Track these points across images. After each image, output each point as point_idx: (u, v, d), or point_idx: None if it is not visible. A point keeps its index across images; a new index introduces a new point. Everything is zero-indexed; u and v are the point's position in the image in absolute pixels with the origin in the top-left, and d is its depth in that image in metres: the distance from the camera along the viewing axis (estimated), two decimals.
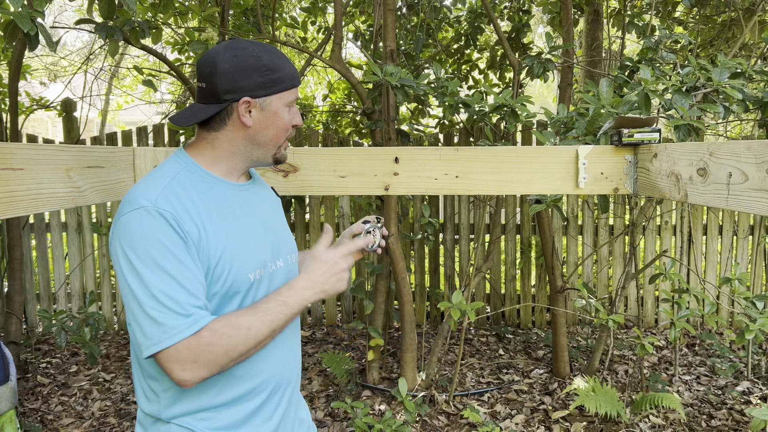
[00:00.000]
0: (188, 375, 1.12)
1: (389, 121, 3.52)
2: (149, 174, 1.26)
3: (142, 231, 1.13)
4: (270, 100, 1.27)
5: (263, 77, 1.25)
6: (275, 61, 1.27)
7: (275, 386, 1.34)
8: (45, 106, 4.68)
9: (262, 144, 1.30)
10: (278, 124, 1.30)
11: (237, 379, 1.26)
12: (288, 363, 1.38)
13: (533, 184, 1.72)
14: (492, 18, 3.75)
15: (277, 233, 1.39)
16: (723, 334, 4.84)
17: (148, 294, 1.11)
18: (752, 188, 1.10)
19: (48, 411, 3.69)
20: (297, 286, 1.25)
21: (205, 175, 1.27)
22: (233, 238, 1.24)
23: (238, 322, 1.16)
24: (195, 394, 1.23)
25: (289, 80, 1.29)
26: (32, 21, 2.16)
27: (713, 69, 2.36)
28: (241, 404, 1.28)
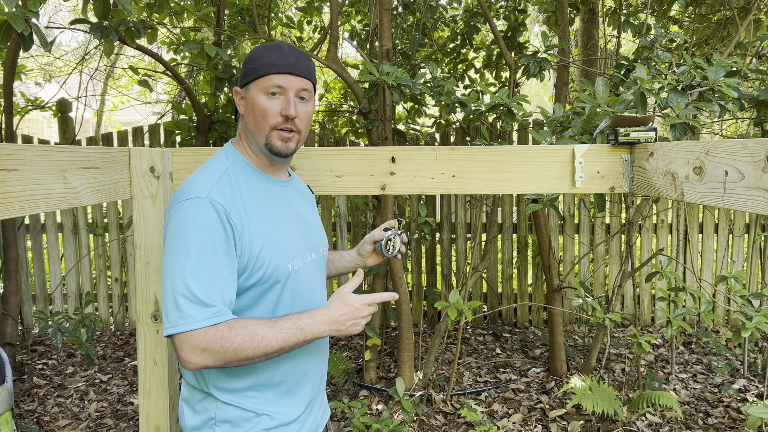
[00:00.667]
0: (194, 359, 1.18)
1: (386, 121, 3.52)
2: (203, 168, 1.34)
3: (192, 219, 1.21)
4: (248, 88, 1.35)
5: (246, 67, 1.35)
6: (262, 52, 1.34)
7: (314, 364, 1.44)
8: (40, 107, 4.67)
9: (252, 131, 1.36)
10: (255, 111, 1.33)
11: (280, 359, 1.35)
12: (322, 344, 1.48)
13: (530, 183, 1.72)
14: (488, 17, 3.75)
15: (312, 227, 1.48)
16: (719, 332, 4.85)
17: (181, 279, 1.18)
18: (748, 187, 1.10)
19: (44, 412, 3.68)
20: (317, 318, 1.29)
21: (250, 169, 1.37)
22: (274, 229, 1.32)
23: (256, 329, 1.21)
24: (244, 375, 1.32)
25: (264, 68, 1.32)
26: (26, 21, 2.15)
27: (709, 67, 2.36)
28: (285, 384, 1.37)
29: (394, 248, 1.54)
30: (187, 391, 1.38)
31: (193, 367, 1.19)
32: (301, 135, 1.37)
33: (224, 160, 1.35)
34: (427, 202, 4.92)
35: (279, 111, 1.32)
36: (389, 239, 1.54)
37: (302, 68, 1.35)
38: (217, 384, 1.32)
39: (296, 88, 1.33)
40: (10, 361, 3.95)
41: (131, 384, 4.03)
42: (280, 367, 1.36)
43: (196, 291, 1.18)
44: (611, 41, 5.25)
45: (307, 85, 1.35)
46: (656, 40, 2.97)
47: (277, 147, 1.34)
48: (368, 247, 1.66)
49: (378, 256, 1.67)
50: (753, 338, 2.76)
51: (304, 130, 1.38)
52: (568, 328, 4.98)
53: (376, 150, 1.74)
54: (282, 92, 1.32)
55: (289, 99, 1.33)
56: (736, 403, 3.63)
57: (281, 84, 1.32)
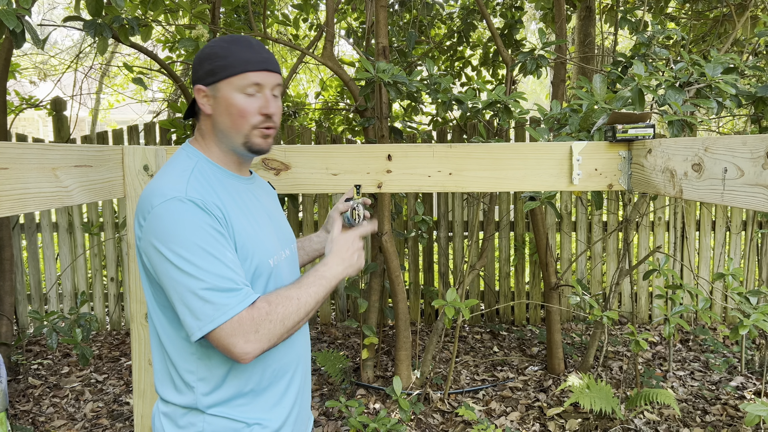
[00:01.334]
0: (251, 347, 1.15)
1: (382, 119, 3.51)
2: (166, 170, 1.29)
3: (180, 219, 1.17)
4: (219, 87, 1.28)
5: (212, 64, 1.28)
6: (229, 47, 1.28)
7: (296, 365, 1.40)
8: (34, 105, 4.64)
9: (226, 131, 1.31)
10: (232, 110, 1.28)
11: (264, 361, 1.31)
12: (305, 342, 1.46)
13: (527, 180, 1.71)
14: (485, 14, 3.74)
15: (280, 224, 1.45)
16: (716, 330, 4.85)
17: (199, 276, 1.14)
18: (748, 183, 1.09)
19: (39, 413, 3.66)
20: (330, 262, 1.34)
21: (216, 168, 1.32)
22: (251, 226, 1.29)
23: (288, 293, 1.22)
24: (229, 382, 1.27)
25: (239, 65, 1.26)
26: (18, 18, 2.13)
27: (706, 64, 2.35)
28: (271, 388, 1.33)
29: (360, 216, 1.54)
30: (166, 407, 1.31)
31: (251, 356, 1.16)
32: (277, 130, 1.35)
33: (187, 160, 1.30)
34: (424, 200, 4.91)
35: (258, 109, 1.28)
36: (353, 208, 1.53)
37: (275, 63, 1.31)
38: (204, 397, 1.27)
39: (272, 84, 1.30)
40: (5, 361, 3.93)
41: (127, 384, 4.01)
42: (267, 370, 1.32)
43: (218, 282, 1.14)
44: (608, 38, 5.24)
45: (279, 81, 1.32)
46: (653, 36, 2.96)
47: (259, 144, 1.31)
48: (336, 221, 1.62)
49: (346, 228, 1.60)
50: (750, 335, 2.76)
51: (278, 126, 1.36)
52: (566, 326, 4.98)
53: (372, 147, 1.72)
54: (259, 90, 1.28)
55: (267, 97, 1.29)
56: (734, 400, 3.63)
57: (259, 81, 1.27)
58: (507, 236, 4.95)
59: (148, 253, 1.20)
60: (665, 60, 3.05)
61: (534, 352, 4.44)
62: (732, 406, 3.56)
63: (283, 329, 1.19)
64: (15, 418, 3.59)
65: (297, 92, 6.43)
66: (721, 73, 2.35)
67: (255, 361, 1.28)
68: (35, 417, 3.61)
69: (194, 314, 1.15)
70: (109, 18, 2.82)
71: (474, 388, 3.84)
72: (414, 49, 4.76)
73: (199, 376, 1.26)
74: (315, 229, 4.95)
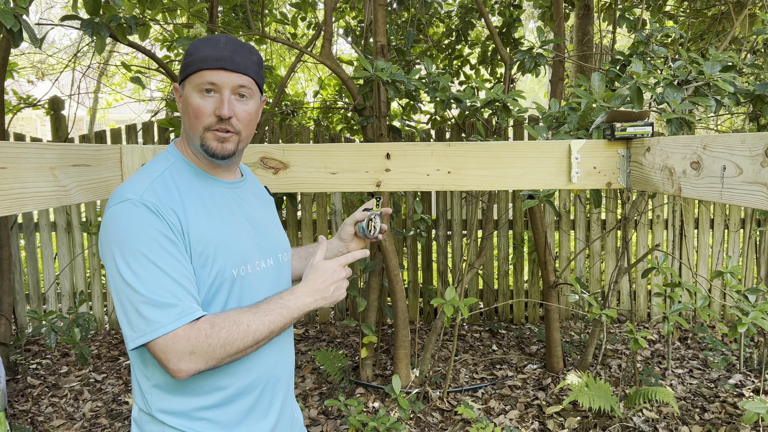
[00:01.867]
0: (184, 366, 1.11)
1: (381, 117, 3.50)
2: (141, 170, 1.28)
3: (129, 223, 1.14)
4: (184, 85, 1.25)
5: (183, 62, 1.25)
6: (198, 45, 1.23)
7: (266, 383, 1.32)
8: (32, 105, 4.63)
9: (187, 132, 1.27)
10: (189, 110, 1.24)
11: (228, 376, 1.25)
12: (278, 360, 1.37)
13: (526, 179, 1.70)
14: (483, 13, 3.74)
15: (267, 232, 1.38)
16: (715, 328, 4.86)
17: (137, 287, 1.11)
18: (746, 181, 1.09)
19: (38, 412, 3.66)
20: (298, 292, 1.26)
21: (191, 170, 1.28)
22: (216, 232, 1.23)
23: (239, 319, 1.16)
24: (187, 393, 1.22)
25: (197, 63, 1.21)
26: (16, 17, 2.13)
27: (705, 62, 2.35)
28: (234, 402, 1.27)
29: (375, 228, 1.52)
30: (136, 412, 1.29)
31: (185, 374, 1.11)
32: (241, 136, 1.26)
33: (164, 161, 1.27)
34: (423, 198, 4.91)
35: (212, 110, 1.22)
36: (370, 219, 1.51)
37: (238, 63, 1.22)
38: (161, 405, 1.22)
39: (231, 84, 1.22)
40: (4, 361, 3.93)
41: (126, 383, 4.00)
42: (230, 386, 1.25)
43: (155, 296, 1.10)
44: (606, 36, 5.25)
45: (244, 81, 1.23)
46: (652, 35, 2.96)
47: (212, 148, 1.24)
48: (349, 230, 1.60)
49: (359, 239, 1.61)
50: (749, 333, 2.76)
51: (245, 131, 1.26)
52: (565, 325, 4.98)
53: (371, 146, 1.72)
54: (216, 90, 1.21)
55: (222, 97, 1.21)
56: (733, 398, 3.63)
57: (214, 81, 1.21)
58: (506, 235, 4.95)
59: (101, 252, 1.18)
60: (664, 58, 3.05)
61: (533, 350, 4.45)
62: (731, 403, 3.56)
63: (224, 354, 1.13)
64: (14, 417, 3.59)
65: (295, 91, 6.43)
66: (720, 71, 2.35)
67: (214, 376, 1.23)
68: (34, 417, 3.60)
69: (130, 324, 1.12)
70: (106, 17, 2.81)
71: (473, 387, 3.84)
72: (412, 47, 4.76)
73: (154, 382, 1.22)
74: (313, 229, 4.95)
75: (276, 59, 7.33)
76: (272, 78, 5.24)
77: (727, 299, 4.81)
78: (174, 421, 1.22)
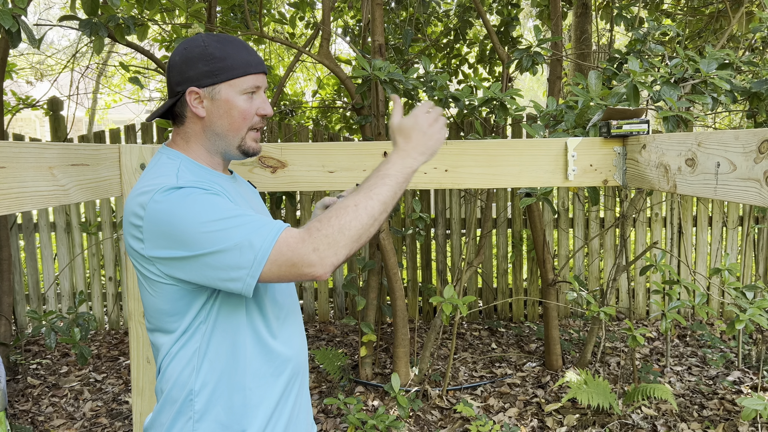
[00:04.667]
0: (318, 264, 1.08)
1: (379, 116, 3.51)
2: (149, 173, 1.25)
3: (183, 205, 1.12)
4: (219, 89, 1.25)
5: (209, 66, 1.24)
6: (225, 48, 1.26)
7: (292, 371, 1.34)
8: (31, 105, 4.63)
9: (222, 135, 1.28)
10: (232, 113, 1.26)
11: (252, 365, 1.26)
12: (303, 345, 1.40)
13: (523, 176, 1.71)
14: (481, 12, 3.74)
15: None
16: (714, 325, 4.87)
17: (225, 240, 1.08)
18: (740, 178, 1.10)
19: (39, 412, 3.66)
20: (393, 158, 1.22)
21: (199, 167, 1.30)
22: None
23: (344, 203, 1.13)
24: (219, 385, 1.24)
25: (241, 67, 1.25)
26: (14, 18, 2.13)
27: (701, 60, 2.36)
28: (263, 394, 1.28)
29: None
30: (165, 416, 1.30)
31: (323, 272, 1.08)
32: None
33: (169, 161, 1.27)
34: (422, 197, 4.91)
35: (255, 111, 1.28)
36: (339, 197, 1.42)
37: (265, 65, 1.33)
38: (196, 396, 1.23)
39: (265, 85, 1.32)
40: (4, 361, 3.93)
41: (126, 383, 4.01)
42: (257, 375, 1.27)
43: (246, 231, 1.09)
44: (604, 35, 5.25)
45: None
46: (649, 33, 2.97)
47: (252, 147, 1.31)
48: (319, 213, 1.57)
49: None
50: (747, 330, 2.77)
51: None
52: (564, 323, 4.99)
53: (368, 145, 1.73)
54: (256, 91, 1.29)
55: (263, 98, 1.30)
56: (731, 395, 3.64)
57: (259, 84, 1.28)
58: (504, 233, 4.96)
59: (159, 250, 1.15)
60: (661, 56, 3.06)
61: (532, 348, 4.45)
62: (729, 400, 3.57)
63: (346, 238, 1.10)
64: (14, 417, 3.59)
65: (294, 90, 6.44)
66: (716, 68, 2.36)
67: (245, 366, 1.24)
68: (34, 416, 3.61)
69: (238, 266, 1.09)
70: (105, 17, 2.82)
71: (472, 385, 3.85)
72: (410, 46, 4.76)
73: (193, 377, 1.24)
74: None
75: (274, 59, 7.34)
76: (271, 78, 5.24)
77: (726, 296, 4.82)
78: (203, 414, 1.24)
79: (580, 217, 4.95)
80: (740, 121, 5.37)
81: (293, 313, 1.38)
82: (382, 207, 1.15)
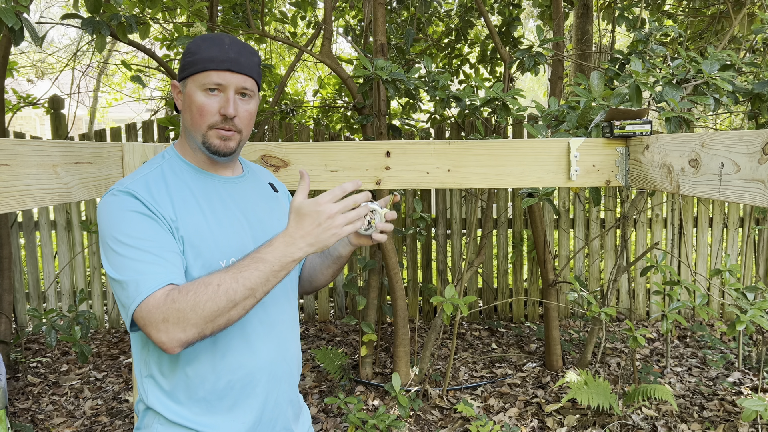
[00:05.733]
0: (164, 336, 1.08)
1: (380, 116, 3.51)
2: (138, 169, 1.32)
3: (107, 212, 1.20)
4: (186, 83, 1.28)
5: (184, 60, 1.28)
6: (201, 45, 1.27)
7: (262, 380, 1.31)
8: (32, 104, 4.63)
9: (189, 129, 1.30)
10: (191, 107, 1.27)
11: (216, 366, 1.26)
12: (278, 357, 1.34)
13: (525, 176, 1.71)
14: (483, 12, 3.74)
15: (266, 227, 1.37)
16: (714, 326, 4.87)
17: (113, 275, 1.15)
18: (744, 178, 1.10)
19: (39, 410, 3.66)
20: (276, 242, 1.13)
21: (185, 166, 1.32)
22: (208, 225, 1.26)
23: (208, 280, 1.10)
24: (176, 382, 1.25)
25: (202, 63, 1.24)
26: (17, 15, 2.13)
27: (703, 61, 2.36)
28: (227, 399, 1.27)
29: (370, 226, 1.29)
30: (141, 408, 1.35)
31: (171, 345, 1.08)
32: (242, 135, 1.29)
33: (159, 158, 1.32)
34: (423, 197, 4.91)
35: (217, 109, 1.25)
36: (372, 210, 1.30)
37: (243, 64, 1.26)
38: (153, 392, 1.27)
39: (236, 85, 1.25)
40: (4, 359, 3.93)
41: (126, 381, 4.01)
42: (221, 378, 1.26)
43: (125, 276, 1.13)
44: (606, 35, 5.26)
45: (248, 83, 1.27)
46: (651, 33, 2.97)
47: (215, 146, 1.27)
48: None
49: (358, 235, 1.38)
50: (747, 331, 2.77)
51: (245, 130, 1.30)
52: (564, 323, 4.99)
53: (371, 144, 1.73)
54: (221, 89, 1.25)
55: (228, 97, 1.25)
56: (731, 396, 3.64)
57: (220, 82, 1.24)
58: (505, 233, 4.96)
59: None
60: (662, 57, 3.06)
61: (532, 348, 4.46)
62: (729, 401, 3.57)
63: (197, 317, 1.06)
64: (14, 415, 3.59)
65: (295, 90, 6.44)
66: (718, 69, 2.36)
67: (204, 365, 1.24)
68: (34, 415, 3.61)
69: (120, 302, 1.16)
70: (107, 15, 2.82)
71: (472, 385, 3.85)
72: (412, 46, 4.76)
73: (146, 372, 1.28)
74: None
75: (276, 58, 7.34)
76: (272, 77, 5.24)
77: (726, 297, 4.82)
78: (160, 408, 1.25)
79: (580, 217, 4.95)
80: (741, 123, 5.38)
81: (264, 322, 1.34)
82: (247, 293, 1.09)
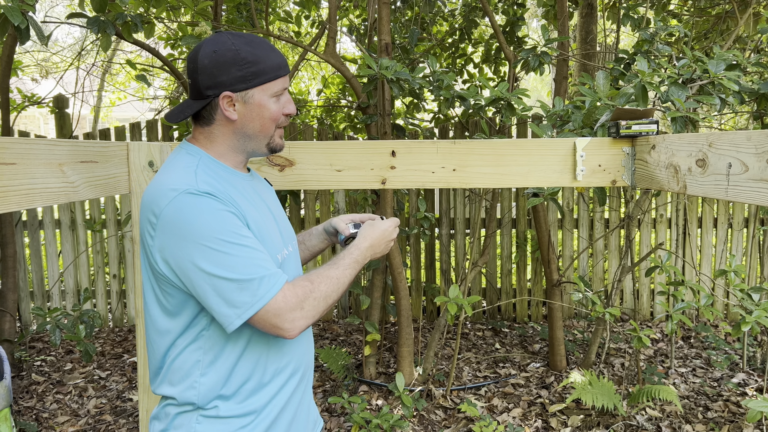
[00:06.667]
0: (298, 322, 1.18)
1: (384, 116, 3.51)
2: (168, 167, 1.27)
3: (197, 213, 1.15)
4: (252, 93, 1.28)
5: (243, 71, 1.26)
6: (256, 52, 1.27)
7: (297, 368, 1.37)
8: (37, 103, 4.64)
9: (252, 136, 1.32)
10: (264, 114, 1.30)
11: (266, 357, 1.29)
12: (309, 347, 1.45)
13: (531, 176, 1.71)
14: (487, 11, 3.74)
15: (283, 220, 1.45)
16: (718, 327, 4.86)
17: (227, 275, 1.14)
18: (752, 179, 1.09)
19: (43, 409, 3.67)
20: (362, 247, 1.39)
21: (218, 165, 1.31)
22: (260, 220, 1.28)
23: (328, 273, 1.27)
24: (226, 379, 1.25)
25: (272, 71, 1.28)
26: (23, 14, 2.14)
27: (709, 61, 2.35)
28: (267, 386, 1.30)
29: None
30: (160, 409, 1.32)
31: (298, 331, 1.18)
32: None
33: (189, 156, 1.28)
34: (426, 197, 4.91)
35: (282, 111, 1.33)
36: (352, 237, 1.54)
37: None
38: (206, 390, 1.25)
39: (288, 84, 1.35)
40: (9, 357, 3.94)
41: (130, 380, 4.02)
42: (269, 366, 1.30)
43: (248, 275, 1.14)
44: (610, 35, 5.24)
45: None
46: (656, 33, 2.96)
47: (279, 144, 1.37)
48: (332, 230, 1.64)
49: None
50: (752, 332, 2.76)
51: None
52: (568, 323, 4.98)
53: (376, 144, 1.73)
54: (283, 92, 1.33)
55: (288, 97, 1.33)
56: (736, 397, 3.63)
57: (286, 86, 1.32)
58: (509, 233, 4.95)
59: (167, 251, 1.17)
60: (668, 57, 3.05)
61: (536, 348, 4.45)
62: (734, 402, 3.56)
63: (325, 306, 1.23)
64: (18, 414, 3.60)
65: (299, 89, 6.44)
66: (724, 69, 2.35)
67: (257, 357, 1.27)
68: (39, 413, 3.62)
69: (230, 303, 1.14)
70: (112, 15, 2.82)
71: (476, 385, 3.85)
72: (416, 46, 4.76)
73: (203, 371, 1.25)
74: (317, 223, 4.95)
75: None
76: None
77: (731, 298, 4.81)
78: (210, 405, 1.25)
79: (585, 217, 4.94)
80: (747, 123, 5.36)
81: None
82: (348, 285, 1.32)
